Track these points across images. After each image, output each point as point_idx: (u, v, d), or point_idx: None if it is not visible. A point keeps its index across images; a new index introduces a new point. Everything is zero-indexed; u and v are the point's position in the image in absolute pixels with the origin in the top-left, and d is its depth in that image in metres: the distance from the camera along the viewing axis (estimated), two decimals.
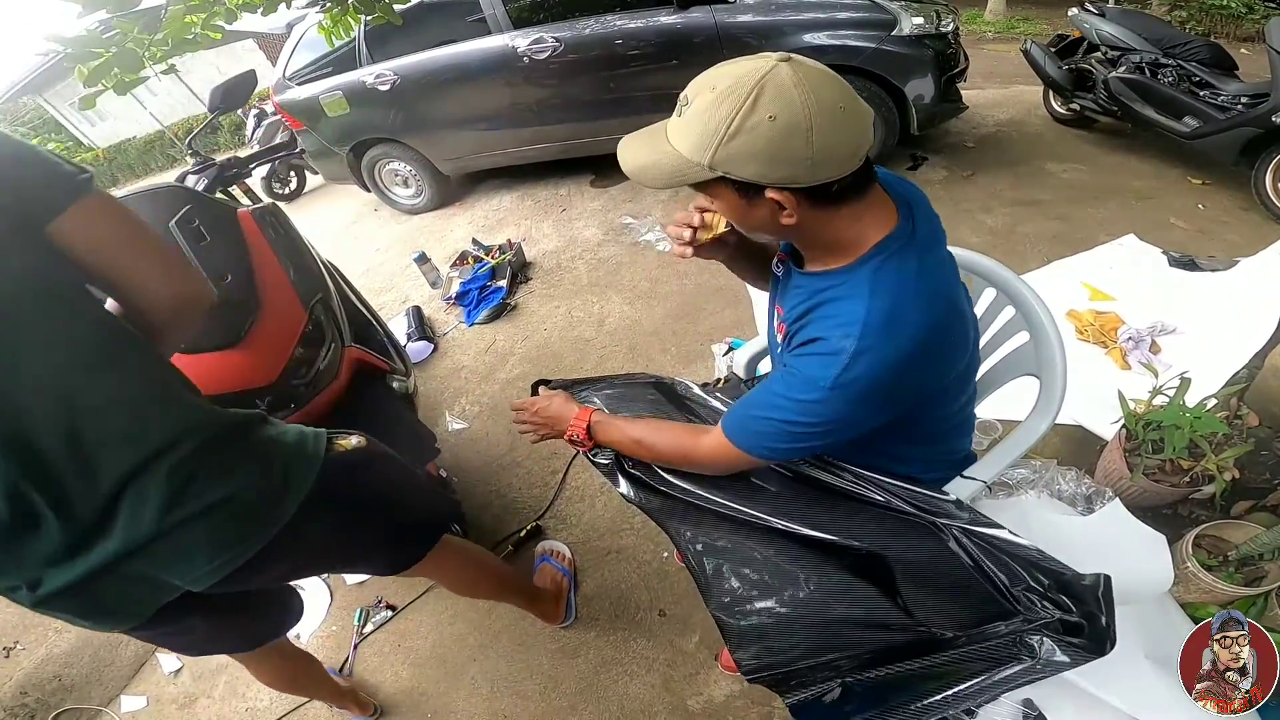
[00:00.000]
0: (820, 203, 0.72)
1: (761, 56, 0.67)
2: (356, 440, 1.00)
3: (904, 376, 0.75)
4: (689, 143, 0.70)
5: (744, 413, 0.87)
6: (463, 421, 2.51)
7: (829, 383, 0.74)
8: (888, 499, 0.93)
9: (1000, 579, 0.81)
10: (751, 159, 0.67)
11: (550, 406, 1.13)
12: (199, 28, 2.02)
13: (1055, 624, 0.76)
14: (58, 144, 14.88)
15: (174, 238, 1.27)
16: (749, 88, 0.65)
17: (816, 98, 0.64)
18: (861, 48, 3.04)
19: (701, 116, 0.68)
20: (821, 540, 0.89)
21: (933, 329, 0.75)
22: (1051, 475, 1.66)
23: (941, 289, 0.78)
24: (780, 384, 0.81)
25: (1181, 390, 1.54)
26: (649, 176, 0.76)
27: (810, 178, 0.69)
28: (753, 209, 0.75)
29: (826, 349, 0.75)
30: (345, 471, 0.94)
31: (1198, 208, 2.95)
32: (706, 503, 0.97)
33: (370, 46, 3.89)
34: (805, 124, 0.64)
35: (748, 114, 0.65)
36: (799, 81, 0.64)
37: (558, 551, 1.86)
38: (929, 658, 0.80)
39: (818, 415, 0.77)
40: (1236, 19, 6.04)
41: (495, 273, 3.37)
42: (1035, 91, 4.17)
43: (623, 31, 3.36)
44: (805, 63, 0.67)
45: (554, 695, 1.60)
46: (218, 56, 13.85)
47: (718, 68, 0.69)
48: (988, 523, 0.86)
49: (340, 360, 1.47)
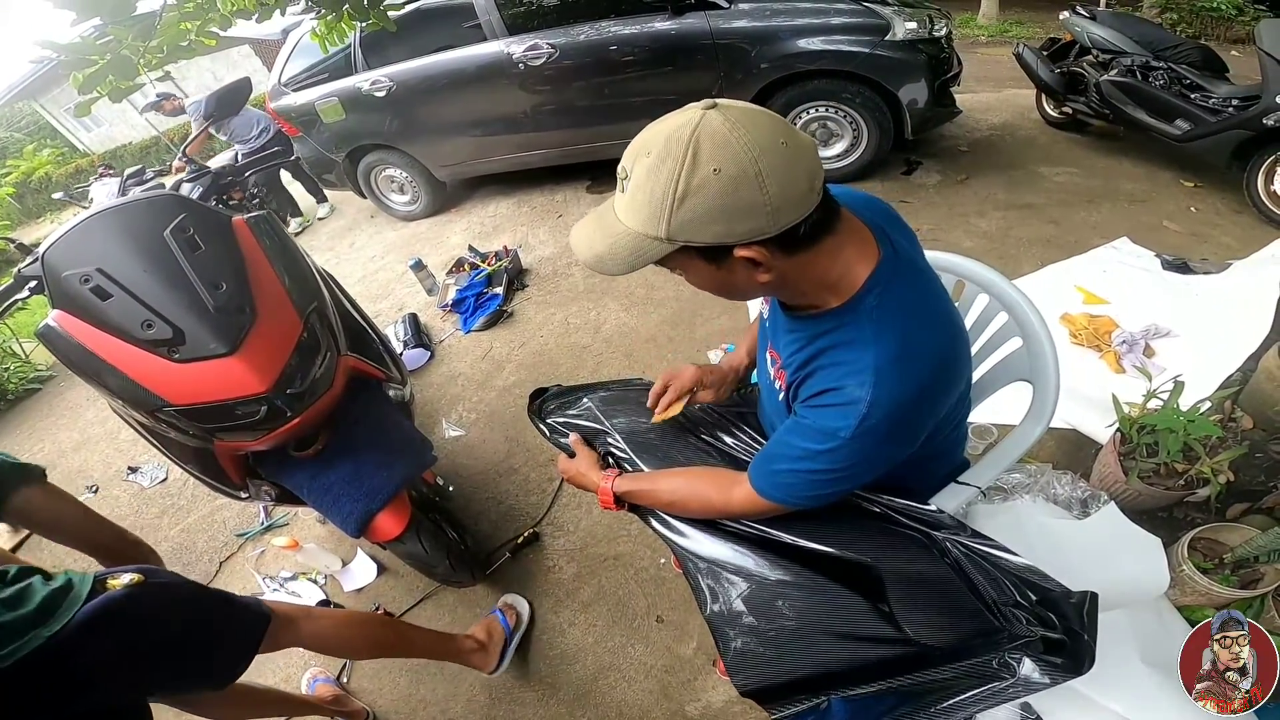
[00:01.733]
0: (794, 249, 0.68)
1: (688, 109, 0.64)
2: (129, 578, 1.02)
3: (923, 409, 0.74)
4: (639, 217, 0.66)
5: (767, 466, 0.85)
6: (460, 429, 2.51)
7: (850, 433, 0.71)
8: (884, 510, 0.93)
9: (989, 594, 0.81)
10: (709, 220, 0.63)
11: (572, 470, 1.13)
12: (194, 34, 2.01)
13: (1037, 642, 0.76)
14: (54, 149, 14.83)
15: (169, 246, 1.27)
16: (684, 144, 0.61)
17: (754, 139, 0.60)
18: (855, 53, 3.05)
19: (644, 187, 0.64)
20: (816, 552, 0.89)
21: (944, 356, 0.74)
22: (1047, 479, 1.66)
23: (942, 309, 0.77)
24: (797, 436, 0.79)
25: (1176, 393, 1.55)
26: (609, 265, 0.71)
27: (774, 225, 0.64)
28: (725, 274, 0.70)
29: (842, 399, 0.72)
30: (115, 606, 0.97)
31: (1190, 210, 2.97)
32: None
33: (366, 53, 3.89)
34: (753, 170, 0.60)
35: (690, 172, 0.61)
36: (733, 125, 0.61)
37: (514, 609, 1.76)
38: (913, 674, 0.80)
39: (841, 461, 0.75)
40: (1227, 21, 6.09)
41: (491, 279, 3.37)
42: (1028, 95, 4.20)
43: (618, 38, 3.37)
44: (733, 105, 0.64)
45: (552, 702, 1.60)
46: (214, 63, 13.85)
47: (646, 131, 0.66)
48: (980, 537, 0.86)
49: (335, 369, 1.47)
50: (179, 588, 1.12)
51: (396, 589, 1.97)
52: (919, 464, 0.88)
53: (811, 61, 3.12)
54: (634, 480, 1.04)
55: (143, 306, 1.20)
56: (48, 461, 3.16)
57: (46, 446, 3.31)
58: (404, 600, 1.91)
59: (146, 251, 1.26)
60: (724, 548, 0.94)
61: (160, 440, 1.47)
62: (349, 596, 1.98)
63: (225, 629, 1.13)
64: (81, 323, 1.22)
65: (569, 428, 1.22)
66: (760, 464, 0.87)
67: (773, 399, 0.97)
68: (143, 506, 2.63)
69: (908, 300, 0.73)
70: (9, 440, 3.53)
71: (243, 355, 1.23)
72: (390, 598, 1.94)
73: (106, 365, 1.21)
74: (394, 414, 1.65)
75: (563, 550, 1.93)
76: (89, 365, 1.23)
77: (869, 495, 0.94)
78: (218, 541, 2.33)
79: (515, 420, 2.47)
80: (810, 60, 3.12)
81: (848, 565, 0.87)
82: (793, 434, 0.80)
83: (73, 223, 1.31)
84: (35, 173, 13.30)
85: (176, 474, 2.72)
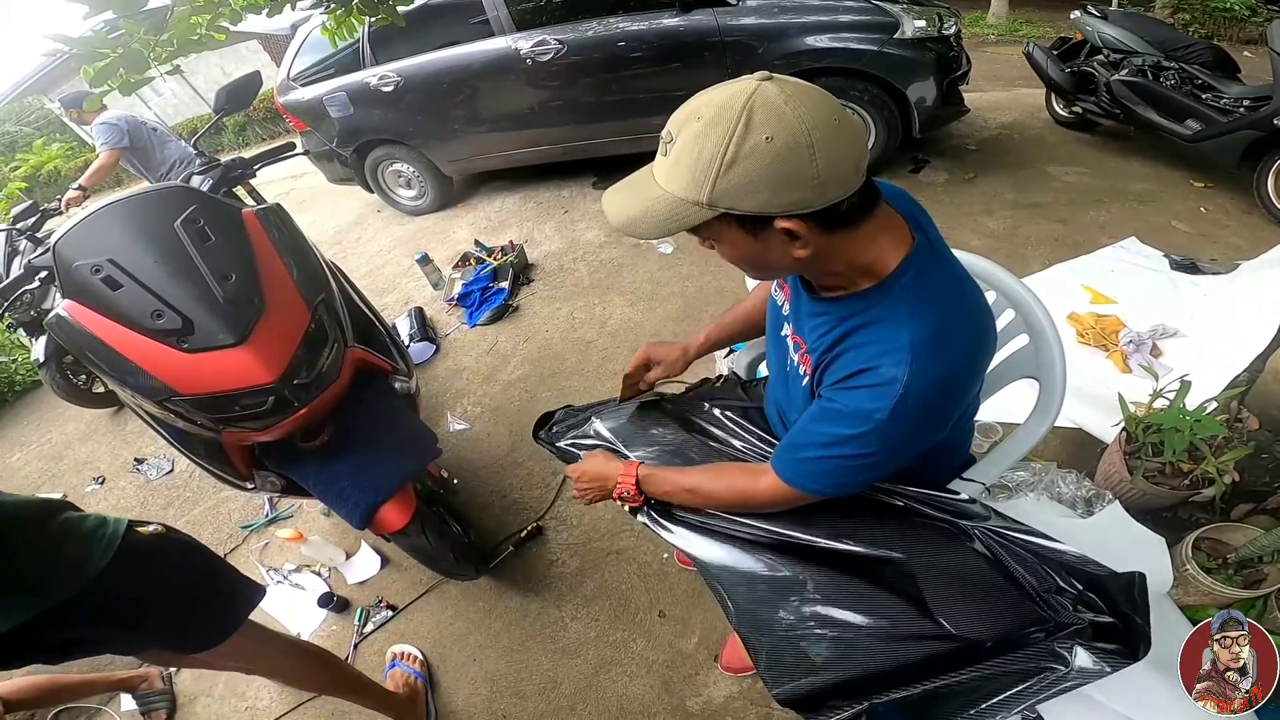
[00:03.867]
0: (834, 227, 0.67)
1: (741, 79, 0.63)
2: (154, 528, 1.11)
3: (955, 394, 0.74)
4: (681, 181, 0.65)
5: (793, 455, 0.84)
6: (465, 422, 2.52)
7: (885, 414, 0.70)
8: (907, 503, 0.91)
9: (1028, 581, 0.79)
10: (754, 187, 0.62)
11: (591, 469, 1.09)
12: (204, 29, 2.02)
13: (1086, 629, 0.74)
14: (63, 143, 14.88)
15: (179, 237, 1.28)
16: (738, 110, 0.60)
17: (809, 110, 0.60)
18: (863, 50, 3.04)
19: (691, 150, 0.63)
20: (844, 552, 0.87)
21: (978, 341, 0.73)
22: (1051, 478, 1.66)
23: (975, 297, 0.76)
24: (826, 422, 0.77)
25: (1182, 393, 1.54)
26: (642, 227, 0.69)
27: (820, 199, 0.63)
28: (762, 245, 0.69)
29: (877, 379, 0.70)
30: (142, 553, 1.05)
31: (1199, 210, 2.95)
32: (727, 524, 0.96)
33: (374, 48, 3.90)
34: (805, 140, 0.59)
35: (742, 138, 0.60)
36: (788, 98, 0.60)
37: (407, 654, 1.74)
38: (958, 672, 0.77)
39: (874, 445, 0.74)
40: (1239, 22, 6.04)
41: (497, 274, 3.37)
42: (1037, 94, 4.17)
43: (625, 34, 3.37)
44: (789, 79, 0.63)
45: (554, 696, 1.61)
46: (222, 58, 13.88)
47: (697, 97, 0.65)
48: (1013, 523, 0.84)
49: (342, 360, 1.47)
50: (196, 543, 1.20)
51: (400, 582, 1.98)
52: (931, 456, 0.87)
53: (819, 59, 3.11)
54: (657, 469, 1.03)
55: (153, 297, 1.21)
56: (54, 454, 3.19)
57: (54, 438, 3.34)
58: (408, 593, 1.93)
59: (157, 242, 1.27)
60: (747, 558, 0.93)
61: (168, 430, 1.48)
62: (353, 589, 2.00)
63: (229, 591, 1.20)
64: (92, 312, 1.23)
65: (580, 449, 1.20)
66: (785, 453, 0.85)
67: (786, 388, 0.96)
68: (149, 498, 2.65)
69: (943, 284, 0.73)
70: (17, 431, 3.57)
71: (251, 346, 1.24)
72: (394, 590, 1.95)
73: (116, 354, 1.22)
74: (400, 407, 1.66)
75: (566, 544, 1.94)
76: (99, 354, 1.23)
77: (889, 487, 0.92)
78: (223, 534, 2.35)
79: (520, 415, 2.48)
80: (818, 58, 3.11)
81: (878, 563, 0.85)
82: (820, 420, 0.78)
83: (84, 214, 1.32)
84: (45, 166, 13.36)
85: (182, 466, 2.74)
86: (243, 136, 12.57)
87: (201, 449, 1.52)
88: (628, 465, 1.04)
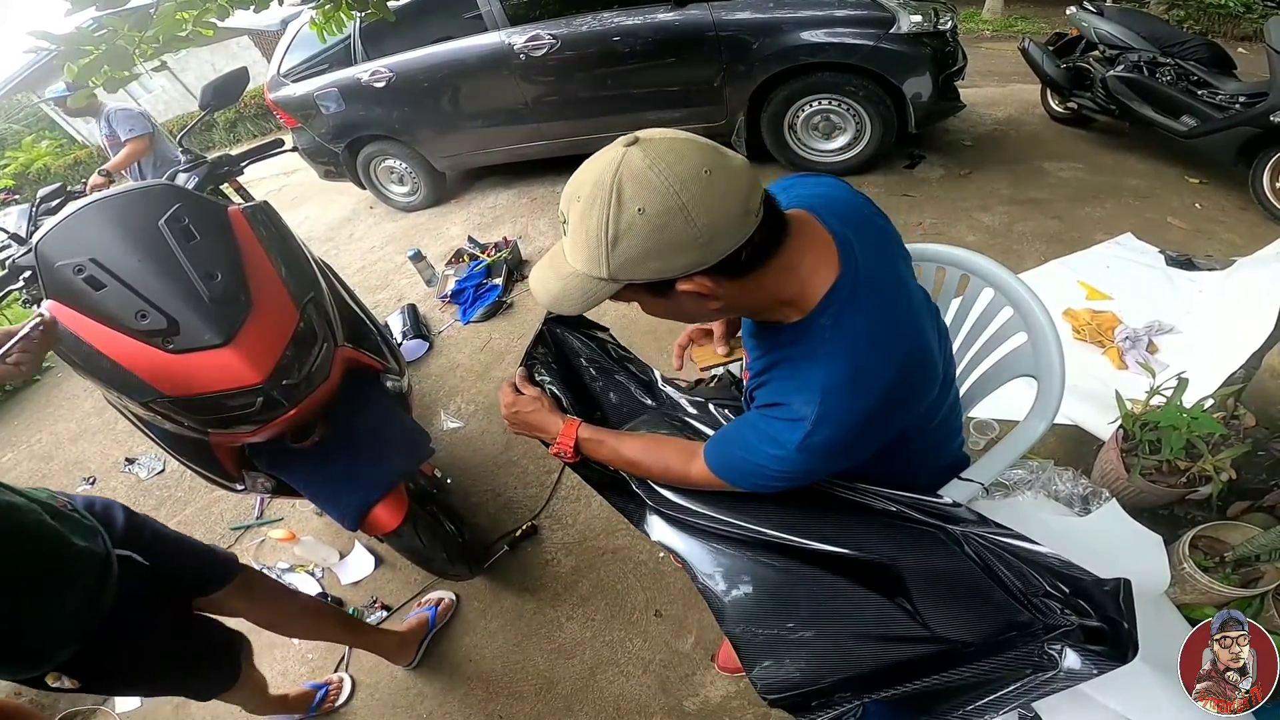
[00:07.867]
0: (738, 273, 0.68)
1: (612, 147, 0.64)
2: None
3: (869, 431, 0.75)
4: (582, 259, 0.67)
5: (723, 447, 0.87)
6: (458, 420, 2.50)
7: (795, 446, 0.73)
8: (894, 507, 0.90)
9: (1014, 585, 0.79)
10: (643, 258, 0.63)
11: (532, 414, 1.06)
12: (191, 24, 1.99)
13: (1075, 631, 0.74)
14: (52, 140, 14.75)
15: (163, 236, 1.26)
16: (608, 186, 0.61)
17: (675, 173, 0.60)
18: (859, 45, 3.02)
19: (580, 231, 0.65)
20: (832, 554, 0.87)
21: (896, 381, 0.73)
22: (1049, 476, 1.65)
23: (902, 330, 0.76)
24: (751, 431, 0.81)
25: (1179, 391, 1.54)
26: (565, 305, 0.71)
27: (713, 254, 0.64)
28: (675, 304, 0.71)
29: (788, 415, 0.74)
30: None
31: (1195, 207, 2.95)
32: (714, 524, 0.95)
33: (366, 43, 3.86)
34: (676, 204, 0.60)
35: (617, 215, 0.61)
36: (653, 162, 0.61)
37: (442, 599, 1.83)
38: (948, 672, 0.78)
39: (789, 467, 0.77)
40: (1235, 18, 6.03)
41: (491, 271, 3.35)
42: (1033, 90, 4.16)
43: (620, 29, 3.34)
44: (655, 138, 0.63)
45: (550, 696, 1.60)
46: (212, 54, 13.76)
47: (578, 173, 0.66)
48: (999, 528, 0.84)
49: (332, 360, 1.45)
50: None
51: (394, 582, 1.97)
52: (906, 459, 0.89)
53: (815, 54, 3.09)
54: (598, 432, 1.02)
55: (137, 296, 1.19)
56: (45, 454, 3.16)
57: (44, 438, 3.31)
58: (402, 593, 1.91)
59: (141, 241, 1.24)
60: (738, 559, 0.93)
61: (155, 431, 1.46)
62: (347, 589, 1.98)
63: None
64: (75, 313, 1.20)
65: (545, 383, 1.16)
66: (717, 444, 0.89)
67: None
68: (140, 498, 2.63)
69: (863, 323, 0.72)
70: (7, 432, 3.53)
71: (238, 346, 1.21)
72: (388, 590, 1.94)
73: (100, 355, 1.20)
74: (392, 406, 1.64)
75: (561, 544, 1.93)
76: (83, 356, 1.21)
77: (877, 492, 0.92)
78: (215, 534, 2.33)
79: None
80: (813, 53, 3.09)
81: (867, 566, 0.85)
82: (749, 428, 0.82)
83: (67, 212, 1.29)
84: (34, 164, 13.23)
85: (174, 466, 2.71)
86: (234, 133, 12.47)
87: (189, 450, 1.49)
88: (568, 424, 1.03)
